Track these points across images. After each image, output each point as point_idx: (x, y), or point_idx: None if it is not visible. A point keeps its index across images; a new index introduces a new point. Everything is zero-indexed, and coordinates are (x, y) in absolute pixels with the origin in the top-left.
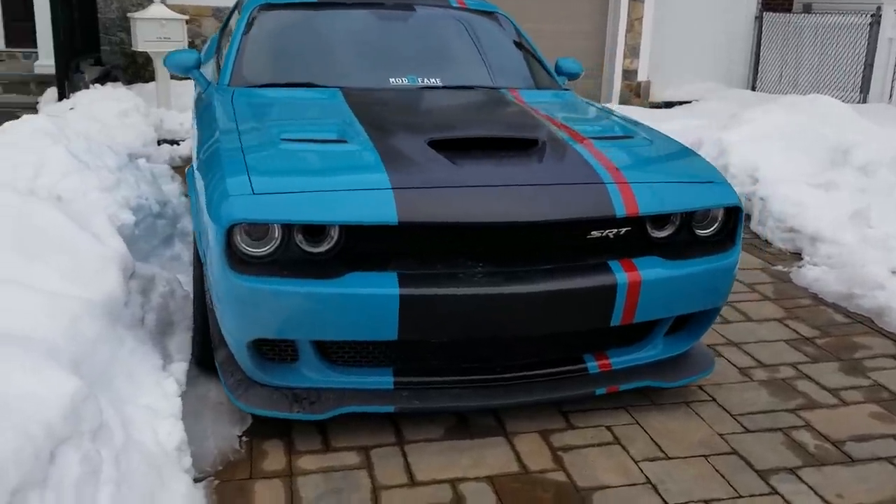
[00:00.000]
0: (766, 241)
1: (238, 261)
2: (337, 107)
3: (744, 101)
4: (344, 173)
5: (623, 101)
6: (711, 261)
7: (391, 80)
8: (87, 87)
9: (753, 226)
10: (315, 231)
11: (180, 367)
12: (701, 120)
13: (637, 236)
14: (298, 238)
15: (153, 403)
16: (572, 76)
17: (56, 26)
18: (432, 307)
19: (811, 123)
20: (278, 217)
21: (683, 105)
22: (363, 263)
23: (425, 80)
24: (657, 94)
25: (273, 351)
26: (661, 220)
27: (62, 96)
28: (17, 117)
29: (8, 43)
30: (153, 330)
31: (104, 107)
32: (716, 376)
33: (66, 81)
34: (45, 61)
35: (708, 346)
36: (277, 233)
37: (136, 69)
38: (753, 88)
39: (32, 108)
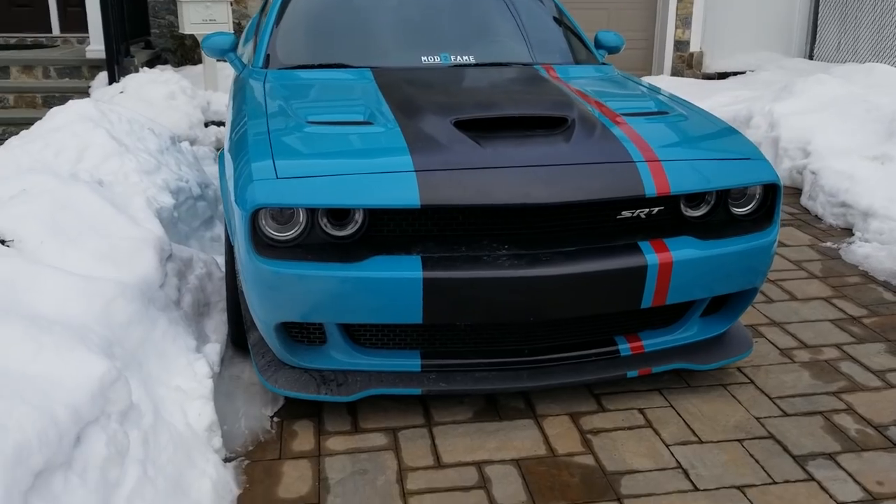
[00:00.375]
0: (816, 216)
1: (263, 245)
2: (366, 87)
3: (800, 71)
4: (368, 156)
5: (675, 73)
6: (748, 240)
7: (423, 58)
8: (137, 71)
9: (804, 201)
10: (339, 214)
11: (214, 348)
12: (754, 91)
13: (670, 215)
14: (323, 222)
15: (184, 385)
16: (612, 50)
17: (105, 11)
18: (456, 291)
19: (867, 94)
20: (301, 201)
21: (738, 76)
22: (387, 247)
23: (458, 57)
24: (710, 65)
25: (302, 334)
26: (695, 198)
27: (112, 80)
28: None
29: (63, 29)
30: (189, 311)
31: (152, 90)
32: (755, 358)
33: (116, 65)
34: (96, 46)
35: (749, 326)
36: (302, 217)
37: (184, 52)
38: (811, 57)
39: (84, 93)
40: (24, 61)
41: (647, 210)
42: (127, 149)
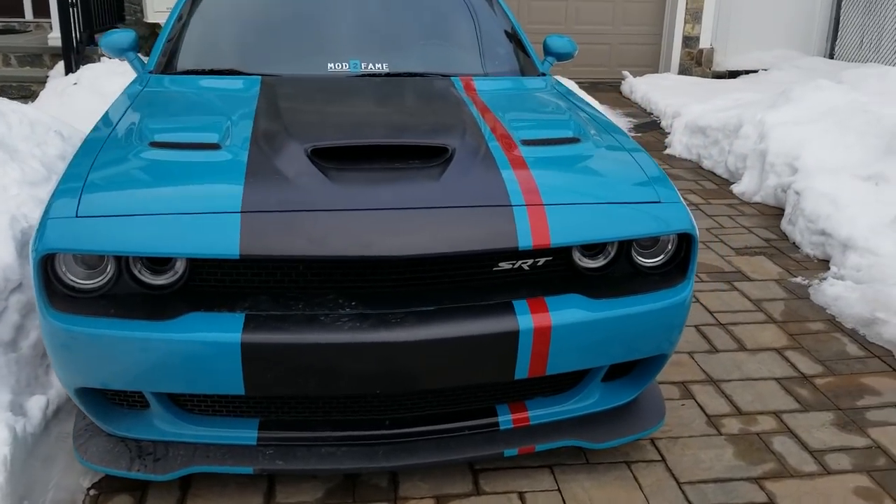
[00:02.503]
0: (794, 244)
1: (60, 295)
2: (244, 100)
3: (816, 71)
4: (195, 191)
5: (683, 71)
6: (653, 299)
7: (330, 65)
8: (99, 60)
9: (783, 225)
10: (157, 260)
11: (38, 402)
12: (759, 94)
13: (562, 267)
14: (137, 268)
15: None
16: (563, 57)
17: None
18: (282, 358)
19: (872, 102)
20: (100, 246)
21: (750, 75)
22: (211, 301)
23: (370, 65)
24: (721, 63)
25: (120, 396)
26: (593, 247)
27: (69, 70)
28: (31, 91)
29: (36, 13)
30: (29, 354)
31: (108, 81)
32: (676, 427)
33: (75, 54)
34: (58, 33)
35: (679, 384)
36: (110, 262)
37: (154, 41)
38: (831, 56)
39: (43, 82)
40: None
41: (531, 261)
42: (13, 156)
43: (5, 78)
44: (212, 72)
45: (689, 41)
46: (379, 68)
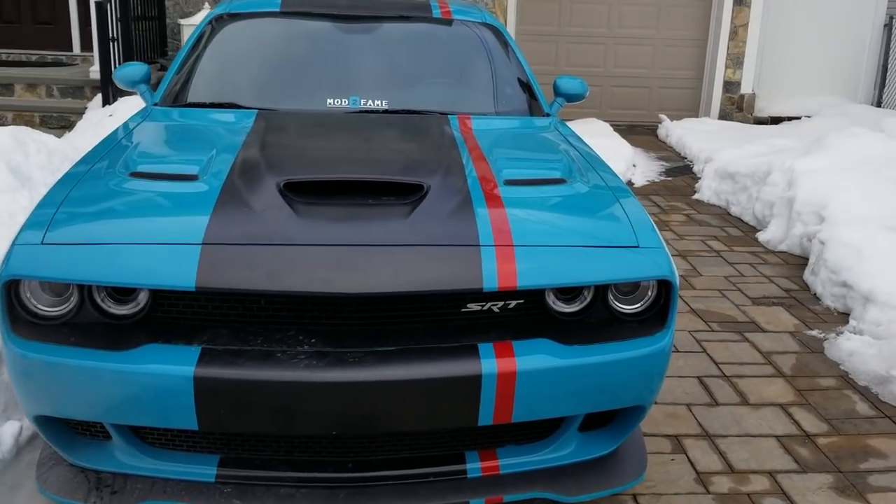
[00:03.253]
0: (815, 295)
1: (24, 321)
2: (235, 133)
3: (861, 119)
4: (163, 222)
5: (723, 116)
6: (629, 347)
7: (329, 101)
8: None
9: (806, 275)
10: (121, 290)
11: (12, 427)
12: (796, 140)
13: (535, 311)
14: (101, 297)
15: None
16: (572, 98)
17: (101, 30)
18: (235, 394)
19: None
20: (62, 274)
21: (793, 121)
22: (171, 333)
23: (370, 102)
24: (764, 108)
25: (82, 426)
26: (569, 291)
27: (106, 101)
28: (70, 121)
29: (84, 47)
30: (5, 381)
31: None
32: (661, 483)
33: (111, 87)
34: (98, 66)
35: (671, 437)
36: (74, 290)
37: None
38: (879, 104)
39: (81, 114)
40: (30, 79)
41: (501, 304)
42: (24, 184)
43: (47, 109)
44: (213, 105)
45: (731, 86)
46: (378, 105)
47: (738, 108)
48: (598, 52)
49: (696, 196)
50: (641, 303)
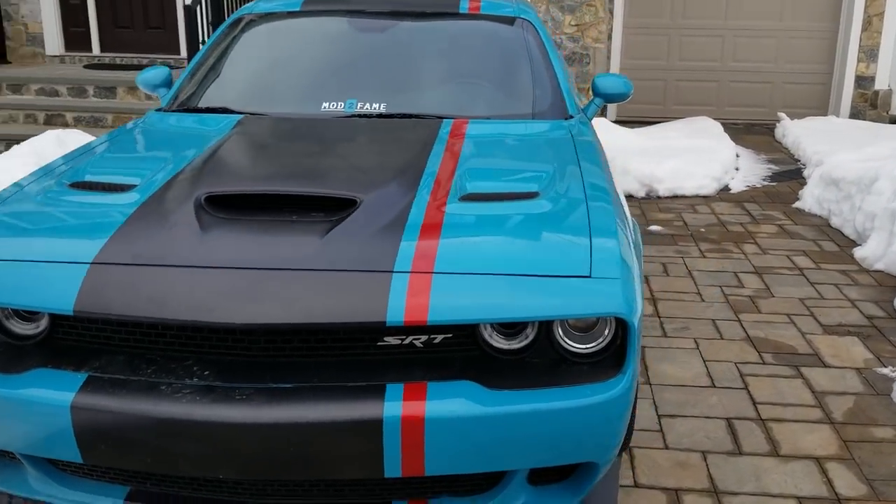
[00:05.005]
0: None
1: None
2: (204, 140)
3: None
4: (67, 237)
5: (855, 114)
6: (570, 394)
7: (325, 105)
8: None
9: None
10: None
11: None
12: None
13: (469, 348)
14: (4, 315)
15: None
16: (612, 98)
17: (191, 33)
18: (111, 427)
19: None
20: None
21: None
22: (66, 358)
23: (367, 105)
24: None
25: None
26: (509, 326)
27: None
28: None
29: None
30: None
31: None
32: None
33: None
34: None
35: (670, 490)
36: None
37: None
38: None
39: None
40: (131, 82)
41: (424, 338)
42: None
43: (144, 110)
44: (208, 110)
45: (863, 81)
46: (374, 109)
47: (871, 105)
48: (715, 46)
49: (796, 204)
50: (596, 342)
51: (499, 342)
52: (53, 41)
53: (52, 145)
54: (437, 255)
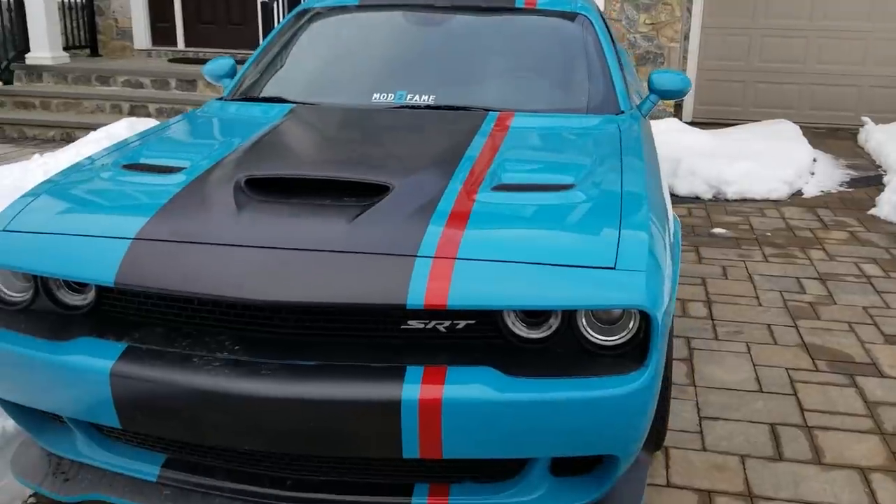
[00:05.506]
0: None
1: None
2: (255, 127)
3: None
4: (114, 214)
5: None
6: (590, 385)
7: (375, 96)
8: None
9: None
10: (76, 281)
11: None
12: None
13: (492, 335)
14: (55, 286)
15: None
16: (667, 95)
17: (267, 29)
18: (146, 395)
19: None
20: (5, 260)
21: None
22: (111, 328)
23: (416, 97)
24: None
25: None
26: (534, 315)
27: None
28: None
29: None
30: None
31: None
32: None
33: None
34: None
35: (705, 491)
36: (30, 277)
37: None
38: None
39: None
40: None
41: (448, 323)
42: None
43: None
44: (264, 99)
45: None
46: (423, 100)
47: None
48: (798, 47)
49: (872, 211)
50: (620, 335)
51: (522, 331)
52: (141, 36)
53: (125, 132)
54: (461, 242)
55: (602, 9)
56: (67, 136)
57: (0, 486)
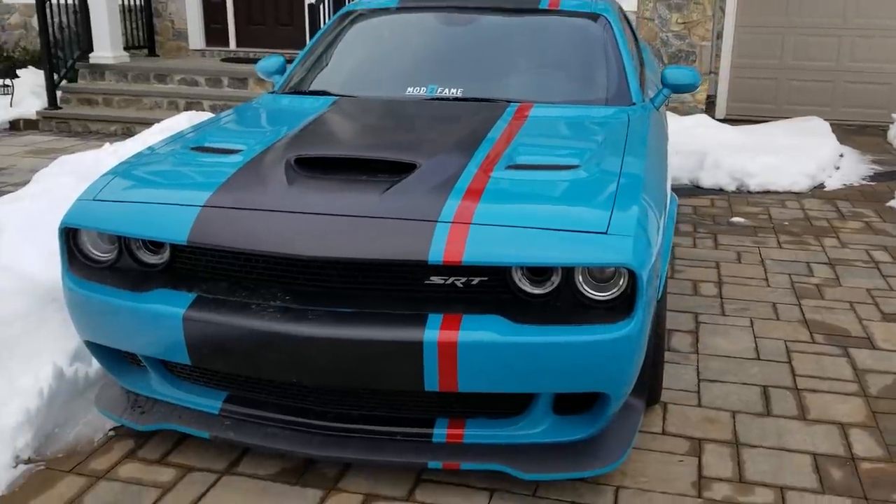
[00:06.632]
0: None
1: (79, 263)
2: (303, 116)
3: None
4: (182, 187)
5: None
6: (581, 332)
7: (409, 89)
8: None
9: None
10: (154, 242)
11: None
12: None
13: (501, 290)
14: (136, 246)
15: (26, 383)
16: (680, 88)
17: (314, 29)
18: (213, 336)
19: None
20: (96, 224)
21: None
22: (182, 282)
23: (446, 90)
24: None
25: (127, 354)
26: (539, 273)
27: None
28: None
29: None
30: None
31: None
32: (655, 479)
33: None
34: None
35: (696, 439)
36: (116, 240)
37: None
38: None
39: None
40: None
41: (464, 279)
42: None
43: None
44: (311, 92)
45: None
46: (452, 93)
47: None
48: (831, 45)
49: (890, 203)
50: (612, 291)
51: (527, 287)
52: (196, 36)
53: (186, 124)
54: (476, 210)
55: (635, 8)
56: (128, 130)
57: (86, 420)
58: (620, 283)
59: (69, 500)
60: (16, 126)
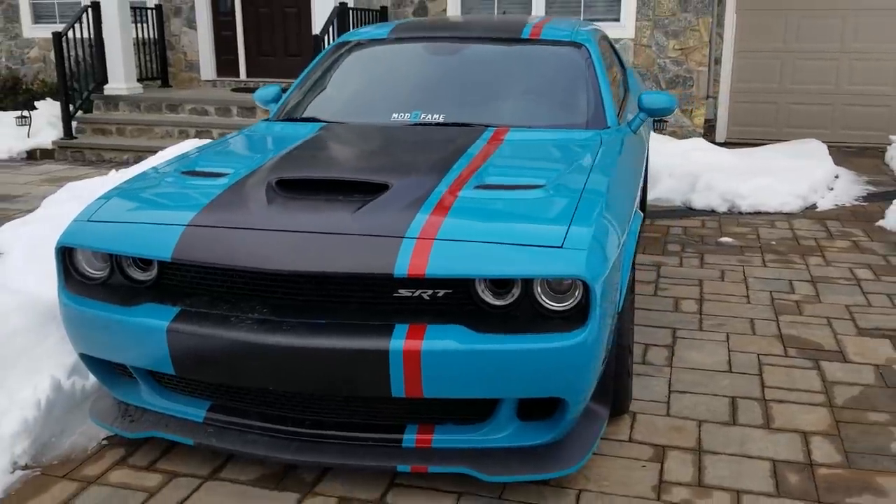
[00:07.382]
0: None
1: (74, 280)
2: (290, 141)
3: None
4: (169, 208)
5: None
6: (540, 339)
7: (394, 115)
8: None
9: None
10: (144, 260)
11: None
12: None
13: (465, 302)
14: (126, 264)
15: (25, 395)
16: (656, 112)
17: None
18: (194, 347)
19: None
20: (90, 244)
21: None
22: (168, 296)
23: (429, 116)
24: None
25: (118, 366)
26: (500, 286)
27: None
28: None
29: None
30: None
31: None
32: (616, 483)
33: None
34: None
35: (661, 446)
36: (108, 258)
37: None
38: None
39: None
40: None
41: (430, 292)
42: None
43: None
44: (303, 119)
45: None
46: (434, 119)
47: None
48: (830, 69)
49: (880, 223)
50: (568, 302)
51: (490, 299)
52: (207, 67)
53: None
54: (441, 227)
55: (633, 35)
56: (139, 158)
57: (81, 430)
58: (576, 294)
59: (61, 502)
60: (33, 155)
